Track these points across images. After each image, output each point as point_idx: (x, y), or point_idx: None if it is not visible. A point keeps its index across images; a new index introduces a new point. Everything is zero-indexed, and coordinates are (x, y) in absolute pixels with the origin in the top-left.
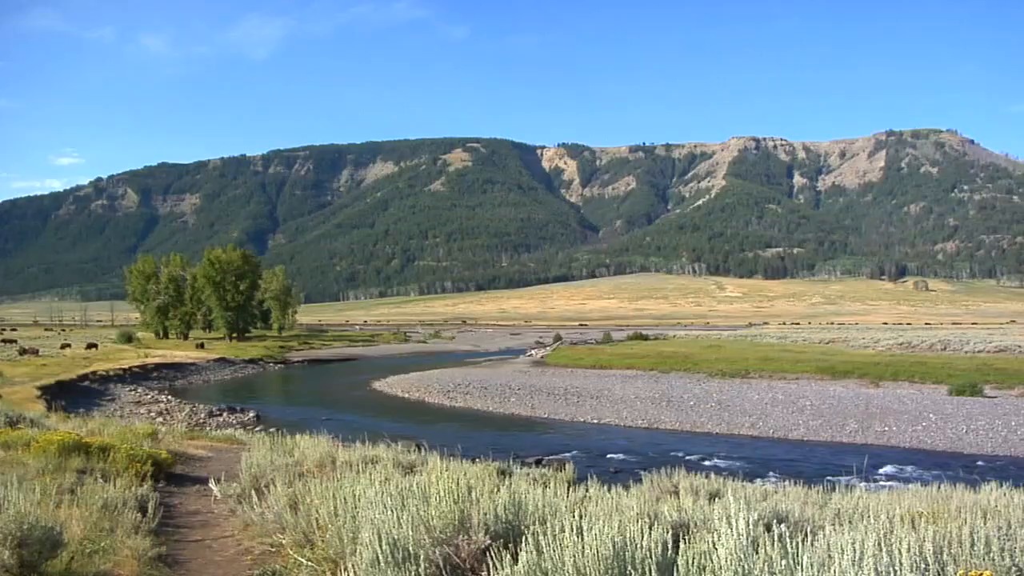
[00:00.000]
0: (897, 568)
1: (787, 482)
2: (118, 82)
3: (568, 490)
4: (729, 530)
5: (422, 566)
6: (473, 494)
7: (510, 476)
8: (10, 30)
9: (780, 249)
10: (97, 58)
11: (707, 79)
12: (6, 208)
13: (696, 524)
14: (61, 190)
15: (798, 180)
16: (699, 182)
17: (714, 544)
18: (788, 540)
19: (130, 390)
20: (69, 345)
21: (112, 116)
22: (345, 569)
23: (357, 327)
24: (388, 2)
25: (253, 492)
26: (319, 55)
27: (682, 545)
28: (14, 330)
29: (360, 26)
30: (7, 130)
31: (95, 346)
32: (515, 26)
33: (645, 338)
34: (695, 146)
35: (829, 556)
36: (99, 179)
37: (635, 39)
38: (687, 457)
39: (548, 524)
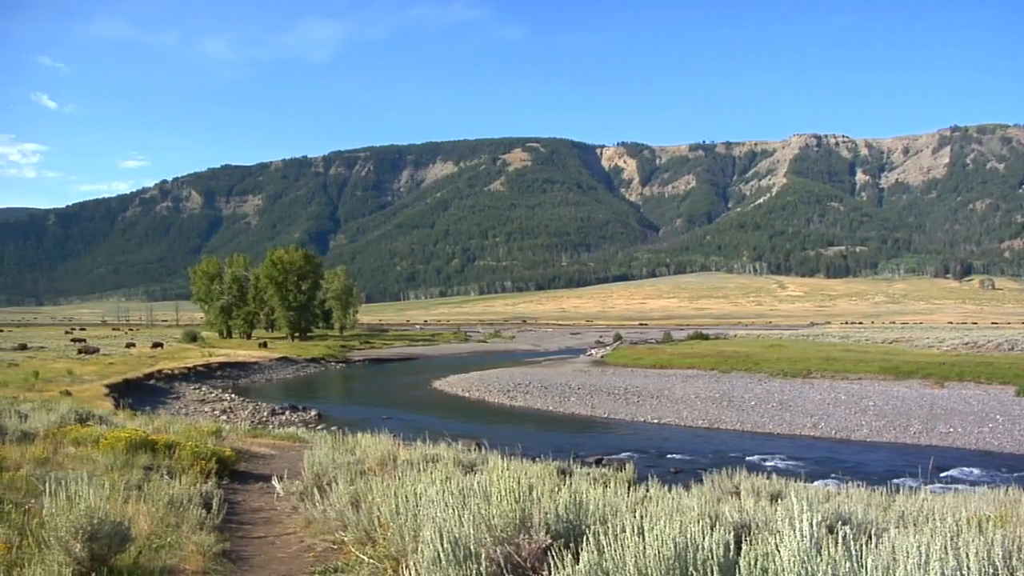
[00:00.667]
0: (964, 572)
1: (849, 484)
2: (181, 86)
3: (628, 490)
4: (792, 532)
5: (483, 565)
6: (534, 493)
7: (570, 476)
8: (76, 37)
9: (842, 247)
10: (160, 63)
11: (767, 76)
12: (75, 211)
13: (758, 525)
14: (127, 192)
15: (861, 177)
16: (760, 180)
17: (777, 546)
18: (852, 542)
19: (194, 388)
20: (134, 344)
21: (176, 119)
22: (406, 567)
23: (417, 327)
24: (443, 3)
25: (315, 490)
26: (377, 57)
27: (744, 546)
28: (83, 329)
29: (416, 27)
30: (75, 135)
31: (160, 345)
32: (571, 25)
33: (705, 337)
34: (755, 144)
35: (894, 559)
36: (164, 181)
37: (694, 36)
38: (747, 458)
39: (609, 524)
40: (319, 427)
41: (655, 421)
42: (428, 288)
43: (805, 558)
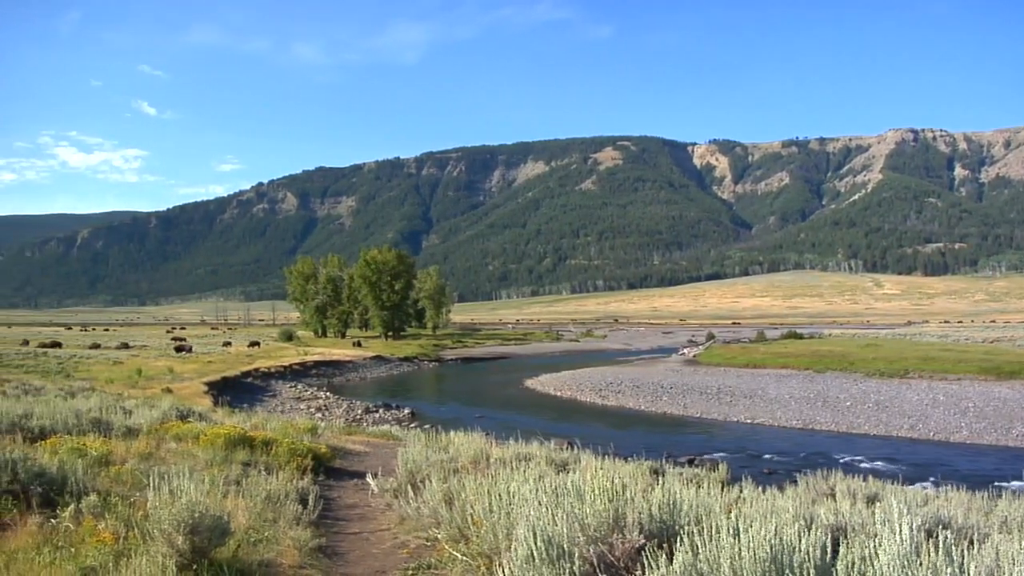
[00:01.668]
0: None
1: (948, 487)
2: (275, 90)
3: (722, 491)
4: (891, 535)
5: (576, 564)
6: (627, 493)
7: (663, 475)
8: (174, 46)
9: (940, 244)
10: (254, 69)
11: (862, 70)
12: (175, 213)
13: (854, 528)
14: (224, 195)
15: (959, 172)
16: (855, 176)
17: (875, 549)
18: (952, 547)
19: (290, 386)
20: (230, 343)
21: (270, 123)
22: (499, 565)
23: (509, 326)
24: (530, 4)
25: (409, 487)
26: (466, 58)
27: (841, 549)
28: (183, 328)
29: (504, 28)
30: (173, 140)
31: (257, 344)
32: (658, 22)
33: (800, 337)
34: (850, 139)
35: (997, 565)
36: (260, 184)
37: (783, 31)
38: (842, 459)
39: (703, 525)
40: (412, 425)
41: (748, 421)
42: (520, 287)
43: (905, 563)
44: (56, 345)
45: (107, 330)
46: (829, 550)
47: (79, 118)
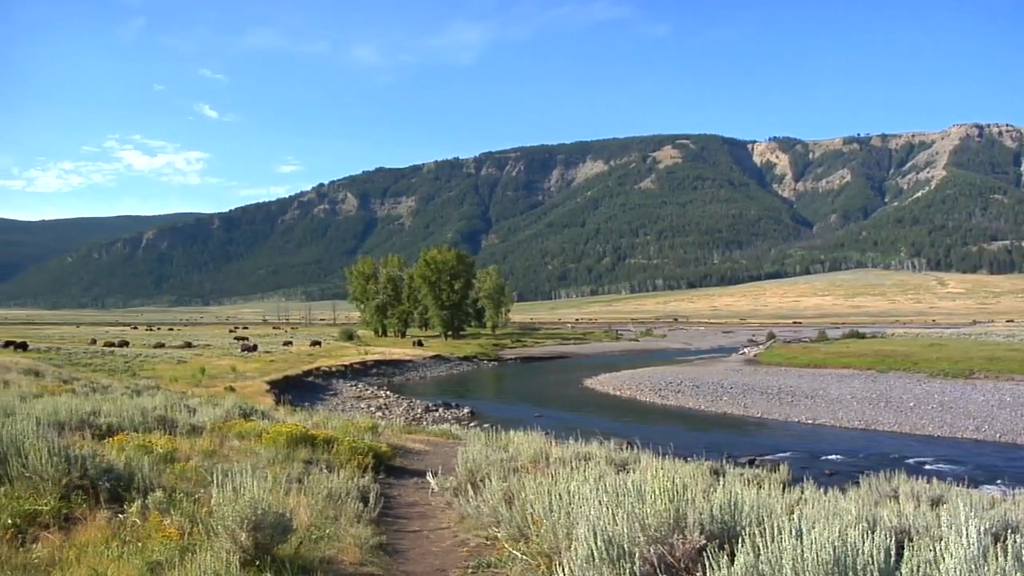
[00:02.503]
0: None
1: (1016, 490)
2: (333, 92)
3: (783, 491)
4: (957, 539)
5: (636, 564)
6: (688, 493)
7: (723, 476)
8: (234, 49)
9: (1007, 242)
10: (313, 71)
11: (924, 64)
12: (237, 214)
13: (918, 531)
14: (286, 196)
15: None
16: (918, 173)
17: (940, 553)
18: (1022, 551)
19: (351, 385)
20: (291, 342)
21: (329, 124)
22: (560, 564)
23: (568, 325)
24: (587, 2)
25: (469, 486)
26: (523, 57)
27: (906, 552)
28: (245, 328)
29: (561, 27)
30: (234, 142)
31: (318, 343)
32: (716, 19)
33: (862, 336)
34: (913, 136)
35: None
36: (320, 185)
37: (844, 25)
38: (906, 460)
39: (764, 526)
40: (472, 424)
41: (809, 422)
42: (579, 287)
43: (972, 567)
44: (122, 344)
45: (171, 329)
46: (893, 553)
47: (143, 122)
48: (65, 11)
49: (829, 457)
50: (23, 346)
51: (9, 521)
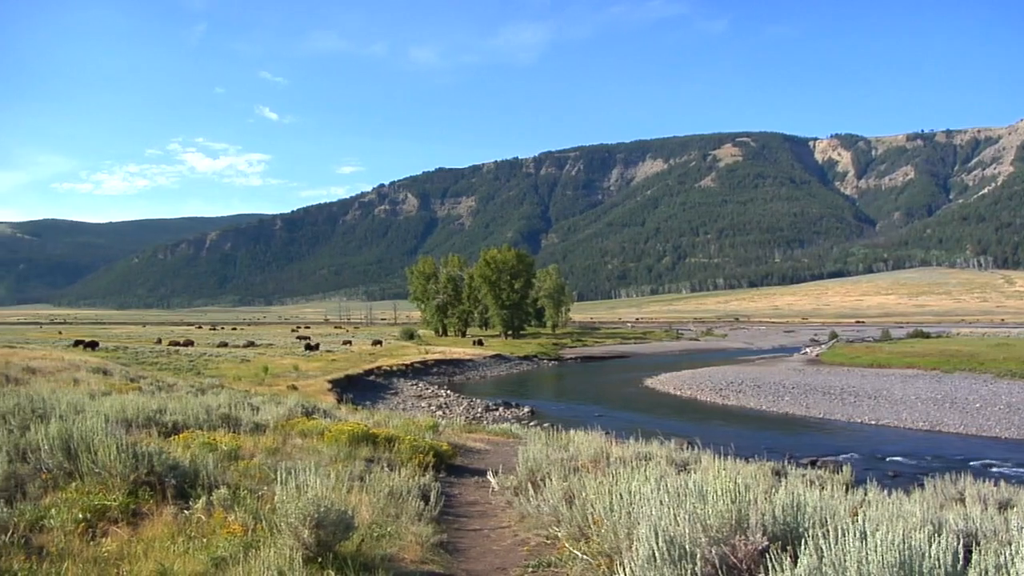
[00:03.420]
0: None
1: None
2: (393, 94)
3: (845, 493)
4: None
5: (698, 565)
6: (750, 494)
7: (785, 477)
8: (294, 52)
9: None
10: (372, 73)
11: (990, 58)
12: (299, 215)
13: (986, 534)
14: (347, 197)
15: None
16: (984, 169)
17: (1011, 557)
18: None
19: (412, 384)
20: (350, 342)
21: (388, 126)
22: (620, 564)
23: (628, 324)
24: (643, 1)
25: (529, 485)
26: (581, 57)
27: (974, 556)
28: (307, 327)
29: (618, 26)
30: (295, 143)
31: (380, 343)
32: (774, 15)
33: (926, 336)
34: (978, 131)
35: None
36: (381, 185)
37: (906, 19)
38: (971, 463)
39: (827, 527)
40: (532, 423)
41: (872, 422)
42: (639, 286)
43: None
44: (187, 343)
45: (234, 329)
46: (961, 557)
47: (205, 125)
48: (130, 17)
49: (892, 459)
50: (93, 345)
51: (80, 515)
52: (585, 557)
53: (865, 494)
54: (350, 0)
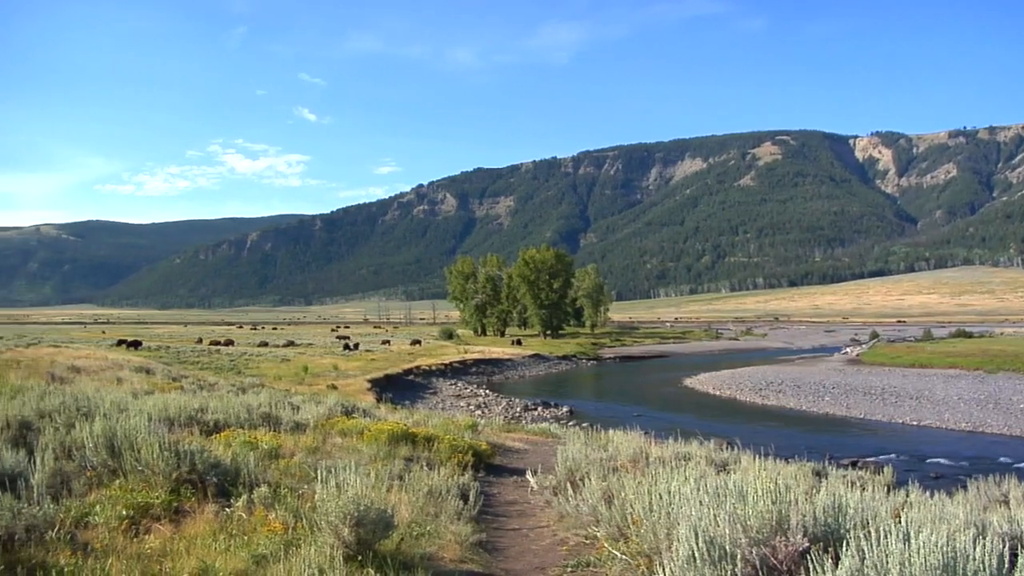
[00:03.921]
0: None
1: None
2: (430, 94)
3: (887, 494)
4: None
5: (738, 566)
6: (790, 495)
7: (826, 477)
8: (333, 53)
9: None
10: (410, 73)
11: None
12: (339, 216)
13: None
14: (386, 197)
15: None
16: None
17: None
18: None
19: (450, 384)
20: (389, 341)
21: (427, 126)
22: (660, 565)
23: (667, 324)
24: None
25: (568, 485)
26: (619, 56)
27: (1020, 559)
28: (346, 327)
29: (655, 25)
30: (334, 144)
31: (419, 342)
32: (813, 12)
33: (969, 335)
34: (1023, 127)
35: None
36: (420, 185)
37: (947, 14)
38: (1016, 464)
39: (869, 529)
40: (571, 423)
41: (914, 423)
42: (678, 285)
43: None
44: (228, 343)
45: (275, 329)
46: (1007, 560)
47: (245, 126)
48: (171, 20)
49: (934, 460)
50: (136, 344)
51: (124, 512)
52: (624, 557)
53: (907, 495)
54: (388, 2)
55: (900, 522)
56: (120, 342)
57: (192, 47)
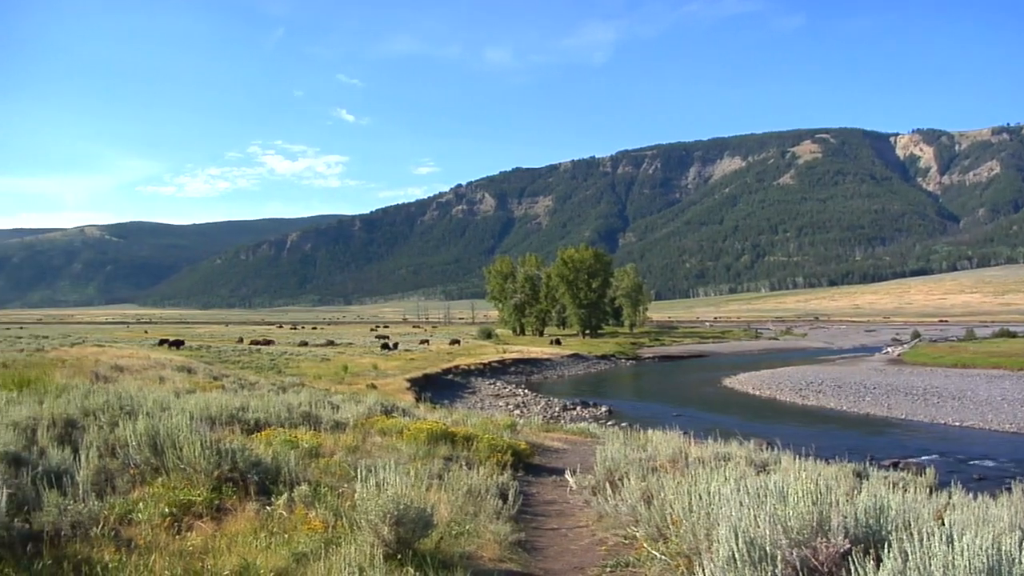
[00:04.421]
0: None
1: None
2: (468, 94)
3: (929, 496)
4: None
5: (779, 567)
6: (831, 496)
7: (867, 478)
8: (369, 55)
9: None
10: (447, 74)
11: None
12: (378, 216)
13: None
14: (424, 197)
15: None
16: None
17: None
18: None
19: (489, 383)
20: (427, 341)
21: (465, 126)
22: (700, 565)
23: (707, 324)
24: None
25: (607, 485)
26: (655, 55)
27: None
28: (386, 327)
29: (692, 23)
30: (372, 145)
31: (458, 342)
32: (851, 9)
33: (1012, 335)
34: None
35: None
36: (459, 185)
37: (989, 9)
38: None
39: (911, 531)
40: (610, 423)
41: (956, 424)
42: (717, 285)
43: None
44: (268, 343)
45: (315, 328)
46: None
47: (284, 127)
48: (210, 23)
49: (978, 461)
50: (178, 344)
51: (166, 510)
52: (663, 558)
53: (949, 497)
54: (425, 3)
55: (943, 524)
56: (162, 341)
57: (231, 49)
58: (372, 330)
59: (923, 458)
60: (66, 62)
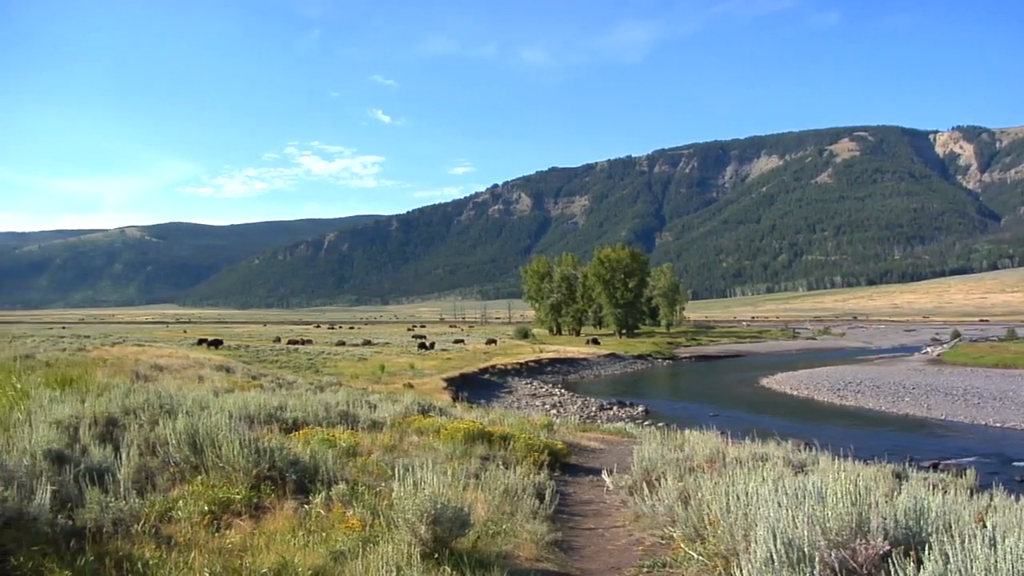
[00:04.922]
0: None
1: None
2: (503, 94)
3: (970, 498)
4: None
5: (816, 568)
6: (870, 497)
7: (906, 480)
8: (405, 56)
9: None
10: (483, 74)
11: None
12: (414, 216)
13: None
14: (461, 197)
15: None
16: None
17: None
18: None
19: (526, 383)
20: (462, 341)
21: (500, 126)
22: (737, 566)
23: (744, 323)
24: None
25: (644, 485)
26: (691, 54)
27: None
28: (422, 327)
29: (727, 22)
30: (408, 145)
31: (494, 342)
32: (888, 6)
33: None
34: None
35: None
36: (495, 185)
37: None
38: None
39: (952, 533)
40: (646, 423)
41: (997, 425)
42: (754, 284)
43: None
44: (306, 342)
45: (352, 328)
46: None
47: (320, 128)
48: (247, 25)
49: (1019, 463)
50: (216, 343)
51: (206, 508)
52: (701, 558)
53: (991, 499)
54: (460, 3)
55: (984, 527)
56: (201, 341)
57: (268, 51)
58: (409, 330)
59: (963, 459)
60: (106, 65)
